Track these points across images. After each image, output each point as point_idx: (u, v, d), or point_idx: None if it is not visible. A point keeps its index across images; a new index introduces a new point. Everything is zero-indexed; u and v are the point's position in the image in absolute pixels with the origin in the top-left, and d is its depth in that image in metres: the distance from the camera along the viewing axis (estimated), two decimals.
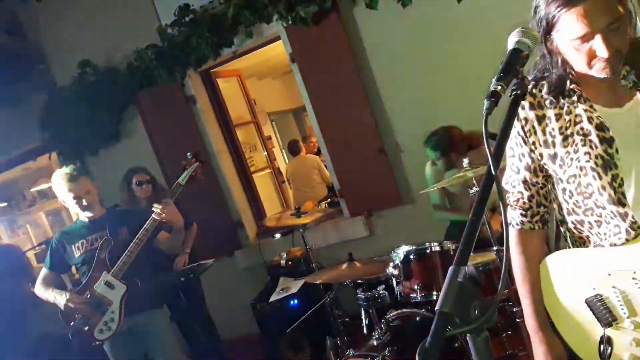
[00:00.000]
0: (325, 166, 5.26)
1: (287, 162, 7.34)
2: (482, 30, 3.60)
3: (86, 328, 2.71)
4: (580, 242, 1.32)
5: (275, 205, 5.78)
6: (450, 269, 0.73)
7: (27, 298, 5.20)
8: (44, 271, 2.93)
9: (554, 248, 1.39)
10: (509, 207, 1.38)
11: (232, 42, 4.17)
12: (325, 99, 4.09)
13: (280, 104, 8.33)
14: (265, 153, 5.85)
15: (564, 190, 1.28)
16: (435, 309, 0.73)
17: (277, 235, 4.36)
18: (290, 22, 3.91)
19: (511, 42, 0.91)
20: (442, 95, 3.78)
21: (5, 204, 7.60)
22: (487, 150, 0.81)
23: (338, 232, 4.31)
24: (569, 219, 1.32)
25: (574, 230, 1.32)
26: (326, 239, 4.23)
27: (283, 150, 8.07)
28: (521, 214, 1.38)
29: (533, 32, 0.90)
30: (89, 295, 2.72)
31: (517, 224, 1.39)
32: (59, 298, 2.75)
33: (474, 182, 2.34)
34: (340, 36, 3.89)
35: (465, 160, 2.42)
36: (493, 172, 0.79)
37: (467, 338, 0.75)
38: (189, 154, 2.84)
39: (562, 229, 1.37)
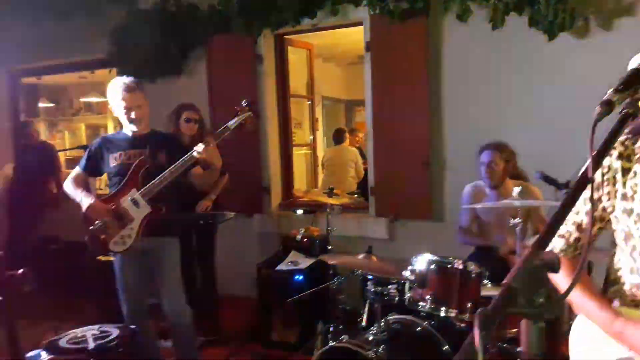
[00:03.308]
0: (366, 160, 5.24)
1: (326, 148, 7.36)
2: (562, 74, 3.56)
3: (103, 236, 2.76)
4: (633, 304, 1.25)
5: (304, 185, 5.81)
6: (528, 250, 0.72)
7: (49, 197, 5.37)
8: (77, 170, 2.97)
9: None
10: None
11: (315, 14, 4.18)
12: (387, 96, 4.08)
13: (336, 92, 8.34)
14: (311, 134, 5.89)
15: (633, 247, 1.23)
16: (503, 282, 0.72)
17: (299, 212, 4.38)
18: (377, 11, 3.90)
19: (634, 62, 0.89)
20: (503, 125, 3.73)
21: (52, 104, 7.81)
22: (589, 155, 0.80)
23: (359, 227, 4.31)
24: (629, 278, 1.26)
25: (633, 292, 1.25)
26: (346, 229, 4.23)
27: (324, 137, 8.10)
28: (562, 246, 1.36)
29: None
30: (113, 206, 2.76)
31: (558, 253, 1.36)
32: (85, 200, 2.79)
33: (519, 212, 2.30)
34: (422, 39, 3.87)
35: (517, 189, 2.38)
36: (590, 175, 0.77)
37: (522, 322, 0.75)
38: (244, 101, 2.79)
39: (613, 286, 1.31)
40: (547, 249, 1.09)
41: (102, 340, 2.04)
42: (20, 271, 1.22)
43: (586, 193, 1.27)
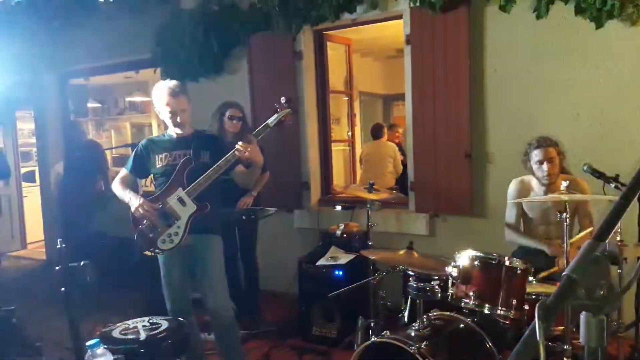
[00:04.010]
0: (406, 155, 5.20)
1: (364, 143, 7.34)
2: (610, 63, 3.44)
3: (151, 235, 2.84)
4: None
5: (342, 181, 5.82)
6: (587, 242, 0.71)
7: (97, 195, 5.58)
8: (123, 171, 3.06)
9: None
10: None
11: (355, 9, 4.17)
12: (427, 89, 4.03)
13: (374, 87, 8.29)
14: (349, 130, 5.88)
15: None
16: (564, 273, 0.71)
17: (338, 207, 4.40)
18: (417, 4, 3.86)
19: None
20: (547, 117, 3.63)
21: (99, 104, 8.10)
22: None
23: (398, 223, 4.29)
24: None
25: None
26: (385, 225, 4.21)
27: (362, 132, 8.07)
28: None
29: None
30: (160, 206, 2.83)
31: None
32: (134, 200, 2.87)
33: (567, 207, 2.23)
34: (464, 31, 3.80)
35: (565, 183, 2.32)
36: None
37: (582, 315, 0.74)
38: (283, 98, 2.82)
39: None
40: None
41: (152, 331, 2.12)
42: (82, 263, 1.28)
43: None
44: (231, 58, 4.87)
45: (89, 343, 1.40)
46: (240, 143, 2.70)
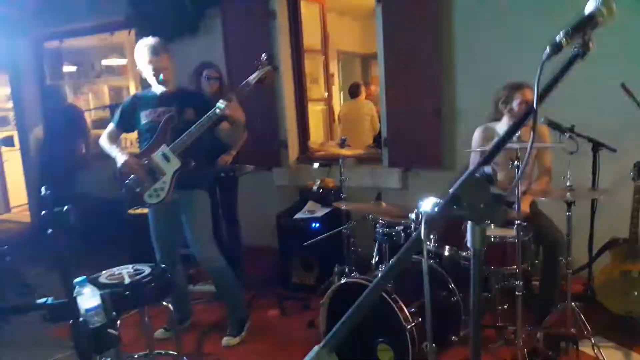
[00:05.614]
0: (379, 114, 5.34)
1: (342, 103, 7.44)
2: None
3: (137, 190, 2.95)
4: None
5: (320, 139, 5.95)
6: (472, 165, 0.88)
7: (79, 157, 5.64)
8: (111, 126, 3.13)
9: None
10: None
11: None
12: (398, 49, 4.14)
13: (352, 46, 8.32)
14: (326, 90, 5.97)
15: None
16: (450, 190, 0.88)
17: (316, 165, 4.55)
18: None
19: (589, 6, 0.99)
20: (514, 74, 3.75)
21: (75, 68, 8.01)
22: (535, 89, 0.93)
23: (373, 178, 4.47)
24: None
25: None
26: (360, 180, 4.40)
27: (341, 92, 8.16)
28: None
29: (612, 3, 0.98)
30: (146, 161, 2.92)
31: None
32: (120, 155, 2.96)
33: (518, 155, 2.41)
34: None
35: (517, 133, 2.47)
36: (535, 107, 0.91)
37: (468, 224, 0.92)
38: (264, 55, 2.84)
39: None
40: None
41: (136, 276, 2.28)
42: (65, 207, 1.42)
43: None
44: (206, 18, 4.89)
45: (76, 280, 1.55)
46: (221, 100, 2.76)
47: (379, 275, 2.34)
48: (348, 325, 0.82)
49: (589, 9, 0.99)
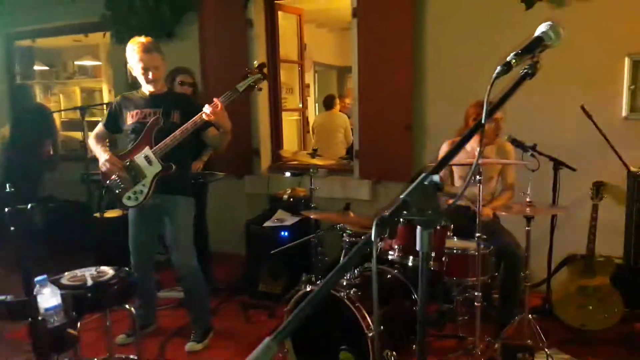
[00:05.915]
0: (352, 127, 5.41)
1: (317, 114, 7.51)
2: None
3: (117, 191, 2.92)
4: None
5: (294, 149, 5.98)
6: (423, 174, 0.93)
7: (46, 157, 5.54)
8: (99, 126, 3.11)
9: None
10: None
11: None
12: (373, 62, 4.22)
13: (329, 58, 8.43)
14: (301, 101, 6.02)
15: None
16: (401, 196, 0.93)
17: (287, 174, 4.59)
18: None
19: (539, 30, 1.07)
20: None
21: (46, 67, 7.88)
22: (485, 105, 0.99)
23: (343, 189, 4.52)
24: None
25: None
26: (331, 191, 4.45)
27: (316, 103, 8.23)
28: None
29: (560, 29, 1.06)
30: (127, 163, 2.90)
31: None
32: (102, 155, 2.94)
33: (480, 170, 2.50)
34: (407, 5, 4.00)
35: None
36: (483, 121, 0.97)
37: (418, 228, 0.97)
38: (255, 62, 2.87)
39: None
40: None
41: (99, 278, 2.26)
42: (29, 206, 1.41)
43: None
44: (182, 24, 4.90)
45: (37, 278, 1.54)
46: (207, 106, 2.75)
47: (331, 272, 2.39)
48: (298, 319, 0.85)
49: (538, 32, 1.06)
